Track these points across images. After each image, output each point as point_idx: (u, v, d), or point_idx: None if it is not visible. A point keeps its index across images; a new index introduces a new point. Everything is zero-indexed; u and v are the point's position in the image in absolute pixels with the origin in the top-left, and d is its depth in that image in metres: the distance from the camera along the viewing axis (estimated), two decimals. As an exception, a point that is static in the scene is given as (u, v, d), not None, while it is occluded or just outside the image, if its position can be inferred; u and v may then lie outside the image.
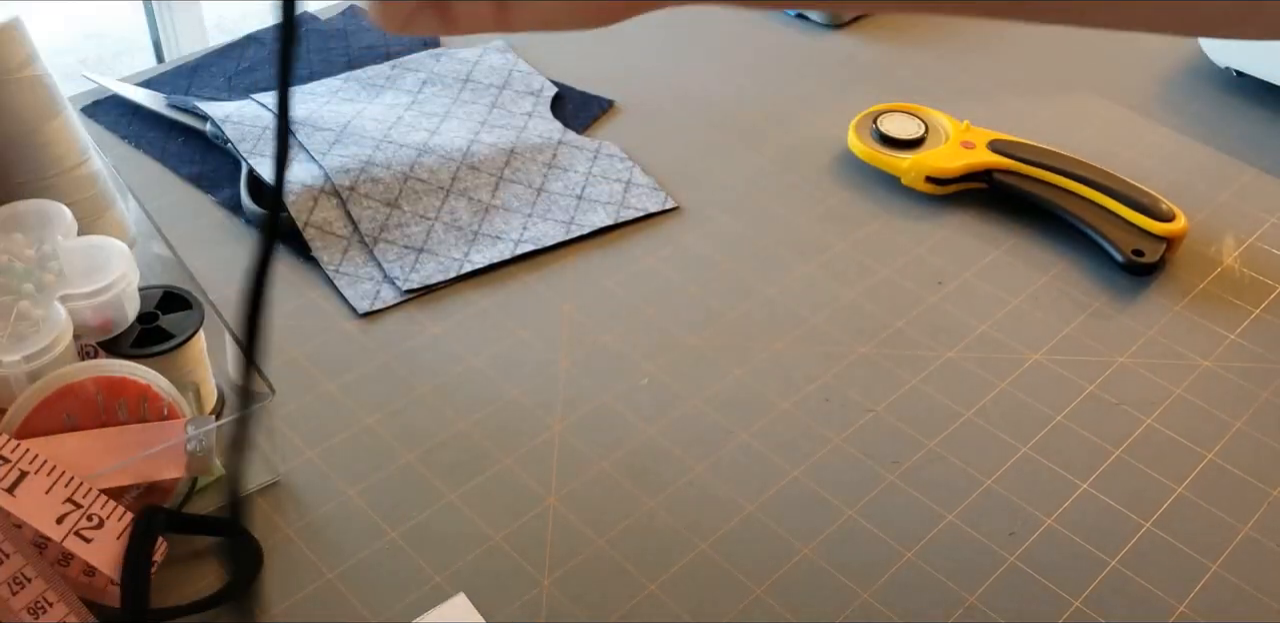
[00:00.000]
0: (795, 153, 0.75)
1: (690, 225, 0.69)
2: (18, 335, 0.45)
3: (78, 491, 0.42)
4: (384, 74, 0.79)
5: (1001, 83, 0.82)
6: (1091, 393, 0.59)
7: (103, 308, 0.48)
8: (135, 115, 0.76)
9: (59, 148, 0.54)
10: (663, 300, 0.64)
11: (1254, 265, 0.67)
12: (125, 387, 0.46)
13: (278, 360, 0.59)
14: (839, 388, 0.59)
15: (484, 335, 0.61)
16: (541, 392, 0.58)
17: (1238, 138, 0.78)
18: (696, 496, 0.53)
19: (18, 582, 0.41)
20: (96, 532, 0.42)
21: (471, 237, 0.67)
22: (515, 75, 0.80)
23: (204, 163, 0.72)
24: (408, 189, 0.68)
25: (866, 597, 0.49)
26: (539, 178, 0.71)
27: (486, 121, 0.75)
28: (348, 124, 0.71)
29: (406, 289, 0.63)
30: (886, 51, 0.86)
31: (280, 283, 0.64)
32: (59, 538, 0.41)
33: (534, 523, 0.51)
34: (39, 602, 0.41)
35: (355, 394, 0.57)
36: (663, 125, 0.77)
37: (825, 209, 0.71)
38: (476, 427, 0.56)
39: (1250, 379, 0.60)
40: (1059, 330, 0.63)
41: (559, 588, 0.49)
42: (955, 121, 0.73)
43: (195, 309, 0.52)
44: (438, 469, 0.54)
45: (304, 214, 0.66)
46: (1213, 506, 0.54)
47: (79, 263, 0.48)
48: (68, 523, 0.41)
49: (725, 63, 0.84)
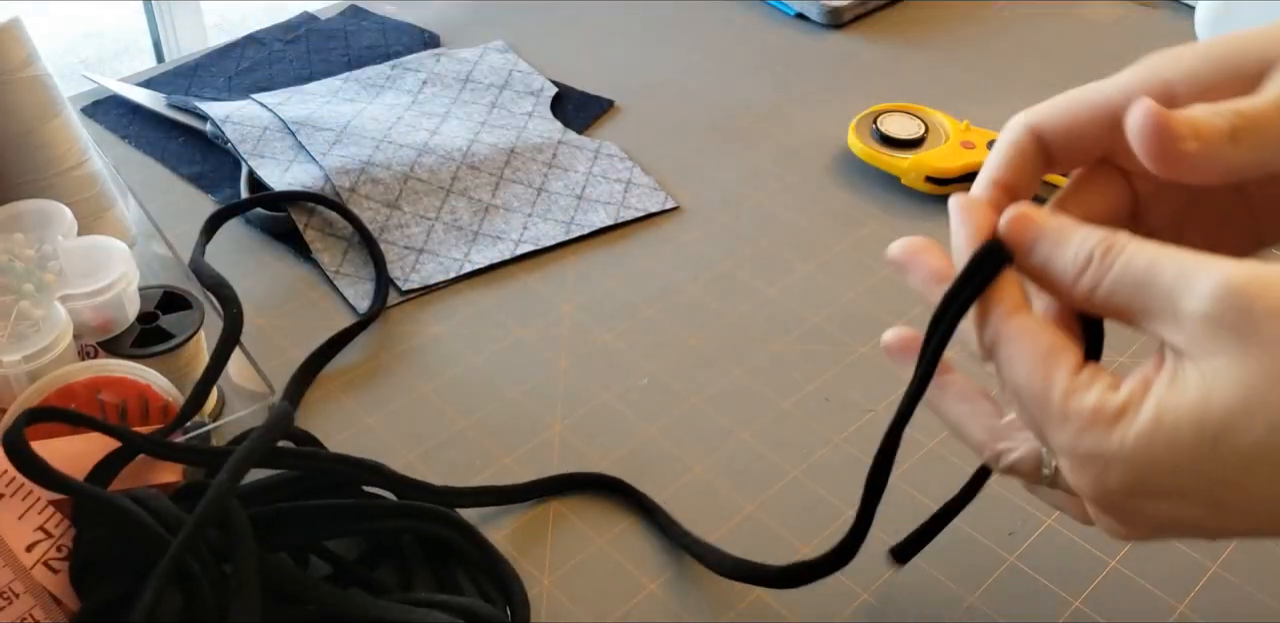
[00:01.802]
0: (795, 153, 0.75)
1: (690, 225, 0.69)
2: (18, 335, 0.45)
3: (50, 519, 0.41)
4: (384, 74, 0.79)
5: (1001, 83, 0.82)
6: (1091, 393, 0.59)
7: (103, 308, 0.48)
8: (135, 115, 0.76)
9: (59, 148, 0.54)
10: (663, 300, 0.64)
11: (1254, 265, 0.67)
12: (125, 387, 0.46)
13: (278, 360, 0.59)
14: (839, 388, 0.59)
15: (484, 335, 0.61)
16: (541, 392, 0.58)
17: (1238, 138, 0.77)
18: (696, 495, 0.53)
19: (4, 597, 0.40)
20: (64, 564, 0.41)
21: (472, 237, 0.67)
22: (515, 75, 0.80)
23: (204, 163, 0.72)
24: (408, 189, 0.68)
25: (866, 597, 0.49)
26: (539, 178, 0.71)
27: (487, 121, 0.75)
28: (348, 124, 0.71)
29: (406, 289, 0.63)
30: (886, 51, 0.86)
31: (280, 283, 0.64)
32: (28, 566, 0.40)
33: (534, 522, 0.51)
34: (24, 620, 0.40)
35: (355, 394, 0.57)
36: (663, 125, 0.77)
37: (825, 209, 0.71)
38: (476, 427, 0.56)
39: (1250, 379, 0.60)
40: (1059, 330, 0.62)
41: (559, 588, 0.49)
42: (955, 121, 0.73)
43: (195, 309, 0.52)
44: (438, 469, 0.54)
45: (304, 215, 0.66)
46: (1213, 505, 0.53)
47: (79, 263, 0.48)
48: (37, 552, 0.41)
49: (725, 63, 0.84)
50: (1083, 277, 0.31)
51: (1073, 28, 0.90)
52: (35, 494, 0.41)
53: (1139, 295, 0.29)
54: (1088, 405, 0.30)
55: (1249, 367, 0.27)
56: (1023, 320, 0.32)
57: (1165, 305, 0.29)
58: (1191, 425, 0.28)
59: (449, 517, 0.48)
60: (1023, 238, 0.32)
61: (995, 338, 0.33)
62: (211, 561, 0.41)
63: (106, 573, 0.41)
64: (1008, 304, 0.32)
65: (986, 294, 0.33)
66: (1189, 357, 0.28)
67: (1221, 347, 0.27)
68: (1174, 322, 0.29)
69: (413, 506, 0.47)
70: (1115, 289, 0.30)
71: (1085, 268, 0.31)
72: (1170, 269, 0.29)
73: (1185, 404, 0.28)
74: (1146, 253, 0.29)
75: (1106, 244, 0.30)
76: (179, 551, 0.40)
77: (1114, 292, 0.30)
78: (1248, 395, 0.27)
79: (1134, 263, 0.30)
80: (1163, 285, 0.29)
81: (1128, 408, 0.29)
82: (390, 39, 0.84)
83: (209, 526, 0.41)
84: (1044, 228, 0.32)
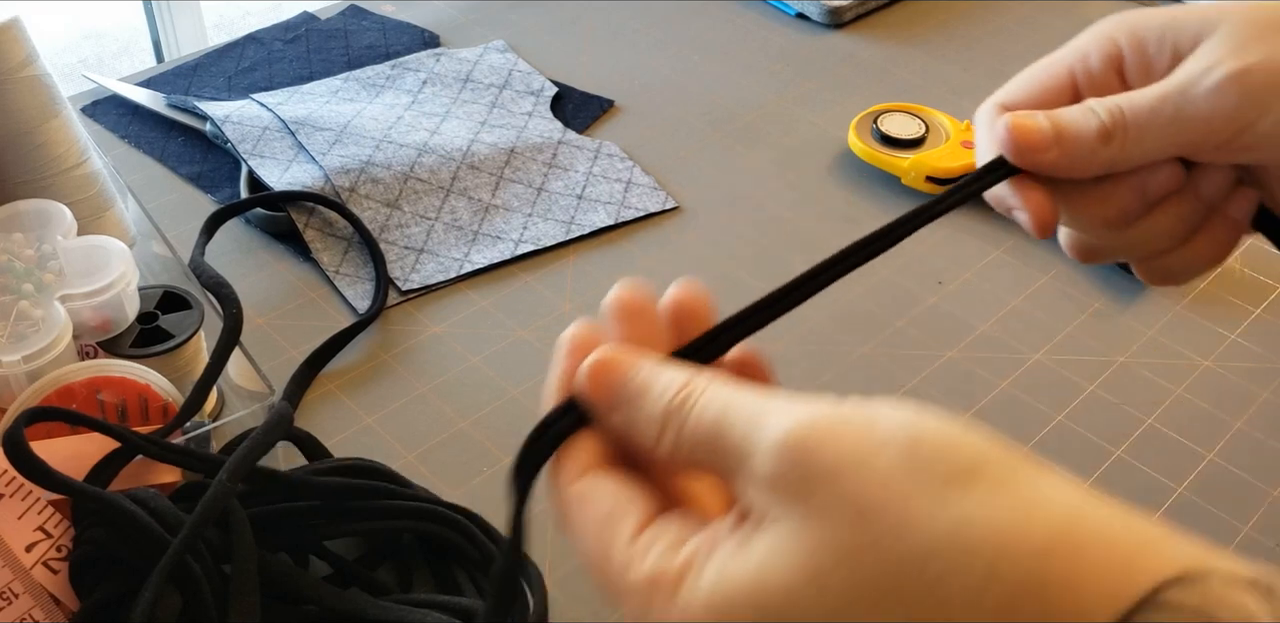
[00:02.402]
0: (795, 153, 0.75)
1: (690, 225, 0.69)
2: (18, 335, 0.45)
3: (50, 519, 0.41)
4: (384, 74, 0.79)
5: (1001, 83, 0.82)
6: (1092, 393, 0.59)
7: (102, 308, 0.48)
8: (135, 115, 0.76)
9: (59, 148, 0.54)
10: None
11: (1254, 265, 0.67)
12: (125, 387, 0.46)
13: (278, 360, 0.59)
14: (840, 388, 0.59)
15: (484, 335, 0.61)
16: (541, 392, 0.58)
17: (1238, 138, 0.77)
18: (696, 496, 0.53)
19: (4, 597, 0.40)
20: (64, 564, 0.41)
21: (472, 237, 0.67)
22: (515, 75, 0.80)
23: (204, 163, 0.72)
24: (408, 189, 0.68)
25: (866, 597, 0.49)
26: (539, 177, 0.71)
27: (487, 121, 0.75)
28: (348, 124, 0.71)
29: (406, 289, 0.63)
30: (886, 51, 0.86)
31: (280, 283, 0.64)
32: (27, 566, 0.40)
33: (534, 523, 0.51)
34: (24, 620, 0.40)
35: (355, 394, 0.57)
36: (663, 125, 0.77)
37: (825, 209, 0.71)
38: (476, 427, 0.56)
39: (1250, 379, 0.60)
40: (1059, 330, 0.63)
41: (559, 588, 0.49)
42: (955, 121, 0.73)
43: (195, 309, 0.52)
44: (438, 469, 0.54)
45: (304, 215, 0.66)
46: (1213, 505, 0.53)
47: (79, 263, 0.48)
48: (37, 552, 0.41)
49: (725, 63, 0.84)
50: (662, 438, 0.26)
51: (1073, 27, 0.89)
52: (35, 494, 0.41)
53: (714, 454, 0.25)
54: (643, 576, 0.25)
55: (807, 536, 0.23)
56: (583, 486, 0.27)
57: (737, 464, 0.24)
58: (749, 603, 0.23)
59: (449, 517, 0.48)
60: (601, 395, 0.28)
61: (562, 509, 0.28)
62: (211, 561, 0.41)
63: (106, 573, 0.41)
64: (572, 470, 0.28)
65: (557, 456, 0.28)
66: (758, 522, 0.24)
67: (784, 512, 0.23)
68: (747, 483, 0.24)
69: (413, 506, 0.47)
70: (693, 448, 0.25)
71: (664, 427, 0.26)
72: (740, 421, 0.25)
73: (744, 577, 0.23)
74: (718, 402, 0.25)
75: (684, 394, 0.26)
76: (179, 551, 0.40)
77: (693, 451, 0.25)
78: (807, 572, 0.22)
79: (705, 416, 0.25)
80: (734, 440, 0.25)
81: (686, 572, 0.24)
82: (390, 39, 0.84)
83: (209, 526, 0.41)
84: (625, 384, 0.27)
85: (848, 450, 0.23)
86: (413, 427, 0.56)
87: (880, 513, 0.22)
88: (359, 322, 0.60)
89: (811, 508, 0.23)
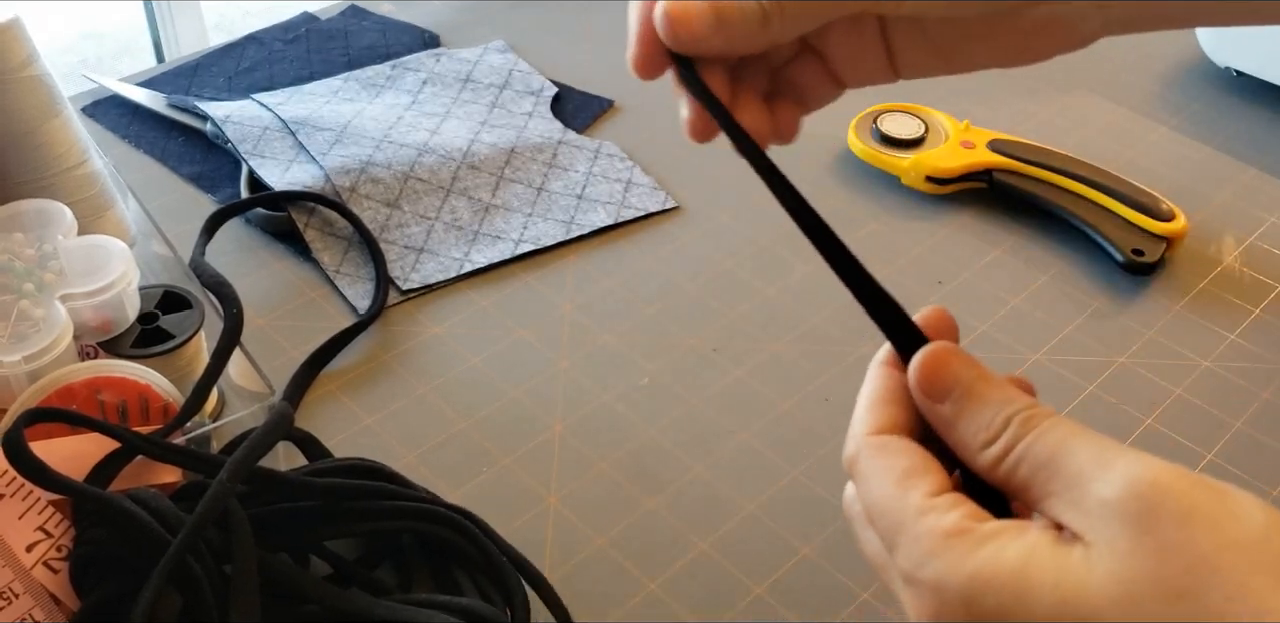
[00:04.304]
0: (795, 153, 0.75)
1: (690, 225, 0.69)
2: (18, 335, 0.45)
3: (50, 519, 0.41)
4: (384, 74, 0.79)
5: (1001, 83, 0.82)
6: (1091, 393, 0.59)
7: (103, 308, 0.48)
8: (135, 115, 0.76)
9: (59, 148, 0.54)
10: (663, 300, 0.64)
11: (1254, 265, 0.67)
12: (125, 387, 0.46)
13: (278, 360, 0.59)
14: (839, 388, 0.59)
15: (484, 335, 0.61)
16: (541, 392, 0.58)
17: (1237, 138, 0.78)
18: (696, 495, 0.53)
19: (4, 597, 0.40)
20: (64, 564, 0.41)
21: (472, 237, 0.67)
22: (515, 75, 0.80)
23: (204, 163, 0.72)
24: (408, 189, 0.68)
25: (866, 597, 0.49)
26: (539, 178, 0.71)
27: (487, 121, 0.75)
28: (348, 124, 0.71)
29: (406, 289, 0.63)
30: (886, 51, 0.86)
31: (280, 283, 0.64)
32: (28, 566, 0.40)
33: (534, 523, 0.51)
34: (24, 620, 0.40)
35: (355, 394, 0.57)
36: (663, 125, 0.77)
37: (825, 209, 0.70)
38: (476, 427, 0.56)
39: (1250, 379, 0.60)
40: (1059, 330, 0.63)
41: (559, 587, 0.49)
42: (955, 121, 0.73)
43: (195, 309, 0.52)
44: (438, 469, 0.54)
45: (304, 215, 0.66)
46: (1213, 505, 0.53)
47: (79, 263, 0.48)
48: (37, 552, 0.41)
49: (725, 63, 0.84)
50: (992, 445, 0.29)
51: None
52: (35, 494, 0.41)
53: (1046, 471, 0.27)
54: (947, 525, 0.27)
55: (1134, 565, 0.24)
56: (887, 439, 0.31)
57: (1070, 487, 0.26)
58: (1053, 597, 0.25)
59: (449, 517, 0.48)
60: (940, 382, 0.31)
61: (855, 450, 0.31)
62: (212, 560, 0.41)
63: (106, 573, 0.41)
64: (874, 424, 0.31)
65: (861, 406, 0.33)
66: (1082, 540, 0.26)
67: (1116, 535, 0.25)
68: (1076, 505, 0.26)
69: (413, 506, 0.47)
70: (1027, 463, 0.28)
71: (997, 436, 0.28)
72: (1084, 452, 0.27)
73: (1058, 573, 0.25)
74: (1061, 430, 0.28)
75: (1029, 414, 0.28)
76: (179, 551, 0.40)
77: (1020, 462, 0.28)
78: (1119, 589, 0.24)
79: (1048, 438, 0.28)
80: (1074, 466, 0.27)
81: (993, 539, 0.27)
82: (390, 39, 0.84)
83: (209, 526, 0.41)
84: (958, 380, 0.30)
85: (1200, 507, 0.25)
86: (413, 427, 0.56)
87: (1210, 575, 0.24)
88: (359, 322, 0.60)
89: (1147, 542, 0.24)
